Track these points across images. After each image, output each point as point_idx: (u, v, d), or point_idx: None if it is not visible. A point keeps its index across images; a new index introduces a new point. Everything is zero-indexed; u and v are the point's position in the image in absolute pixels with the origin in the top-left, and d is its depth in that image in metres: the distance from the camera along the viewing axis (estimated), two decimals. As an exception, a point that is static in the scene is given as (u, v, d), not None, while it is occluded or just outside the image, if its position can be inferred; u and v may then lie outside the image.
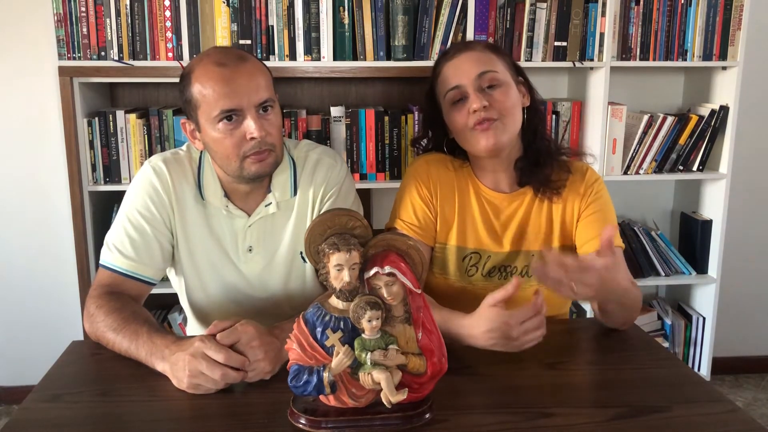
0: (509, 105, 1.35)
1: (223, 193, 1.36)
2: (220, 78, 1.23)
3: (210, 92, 1.23)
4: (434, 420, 0.98)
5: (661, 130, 2.33)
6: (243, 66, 1.25)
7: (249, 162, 1.27)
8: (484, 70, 1.35)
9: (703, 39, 2.29)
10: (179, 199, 1.36)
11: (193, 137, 1.34)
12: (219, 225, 1.38)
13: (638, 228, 2.50)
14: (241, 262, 1.40)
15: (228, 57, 1.25)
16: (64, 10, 2.05)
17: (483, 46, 1.41)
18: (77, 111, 2.10)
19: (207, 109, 1.25)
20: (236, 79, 1.23)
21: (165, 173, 1.35)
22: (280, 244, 1.40)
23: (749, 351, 2.88)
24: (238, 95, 1.23)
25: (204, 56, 1.28)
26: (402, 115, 2.23)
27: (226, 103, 1.23)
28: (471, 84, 1.35)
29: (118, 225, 1.35)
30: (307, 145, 1.45)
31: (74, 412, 1.03)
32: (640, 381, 1.12)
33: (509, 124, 1.36)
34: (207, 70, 1.24)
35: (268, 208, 1.38)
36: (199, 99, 1.25)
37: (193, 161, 1.38)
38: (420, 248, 0.98)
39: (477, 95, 1.34)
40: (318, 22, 2.11)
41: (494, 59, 1.38)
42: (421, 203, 1.42)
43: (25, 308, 2.56)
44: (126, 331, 1.18)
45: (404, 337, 0.95)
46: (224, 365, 1.05)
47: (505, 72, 1.38)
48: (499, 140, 1.34)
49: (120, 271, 1.32)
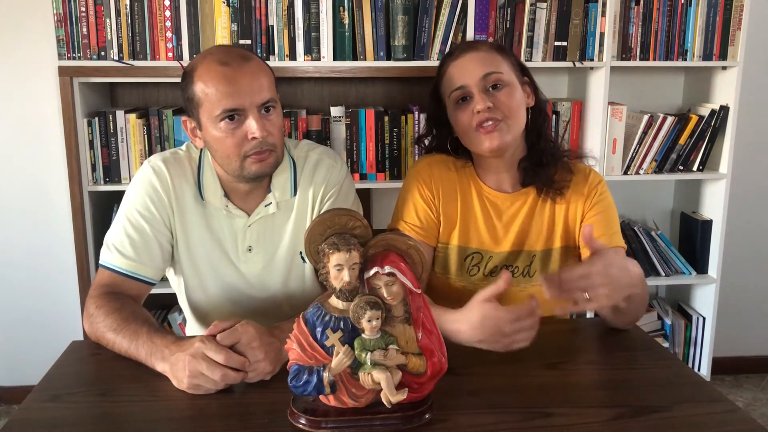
0: (513, 106, 1.36)
1: (222, 192, 1.36)
2: (223, 77, 1.23)
3: (213, 91, 1.23)
4: (434, 420, 0.98)
5: (661, 130, 2.33)
6: (246, 65, 1.25)
7: (250, 162, 1.27)
8: (489, 71, 1.35)
9: (703, 39, 2.29)
10: (179, 199, 1.36)
11: (194, 135, 1.34)
12: (219, 225, 1.38)
13: (638, 228, 2.50)
14: (240, 262, 1.40)
15: (231, 56, 1.25)
16: (64, 10, 2.05)
17: (488, 47, 1.41)
18: (77, 111, 2.10)
19: (209, 108, 1.25)
20: (239, 79, 1.23)
21: (164, 173, 1.35)
22: (280, 244, 1.40)
23: (749, 351, 2.88)
24: (241, 95, 1.23)
25: (207, 54, 1.28)
26: (402, 115, 2.23)
27: (229, 102, 1.23)
28: (476, 84, 1.35)
29: (117, 225, 1.35)
30: (307, 145, 1.45)
31: (74, 412, 1.02)
32: (640, 381, 1.12)
33: (513, 125, 1.36)
34: (210, 68, 1.24)
35: (268, 208, 1.38)
36: (202, 97, 1.25)
37: (193, 161, 1.38)
38: (420, 248, 0.98)
39: (482, 96, 1.34)
40: (318, 22, 2.11)
41: (499, 60, 1.38)
42: (424, 204, 1.42)
43: (25, 308, 2.56)
44: (126, 331, 1.18)
45: (404, 337, 0.96)
46: (224, 366, 1.05)
47: (510, 72, 1.38)
48: (503, 141, 1.35)
49: (120, 271, 1.32)
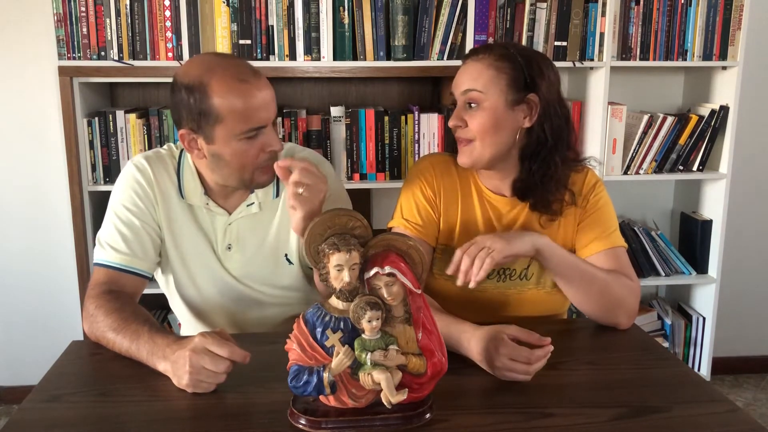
0: (481, 129, 1.30)
1: (203, 191, 1.37)
2: (248, 94, 1.23)
3: (240, 108, 1.22)
4: (434, 420, 0.98)
5: (661, 130, 2.33)
6: (260, 81, 1.26)
7: (259, 173, 1.30)
8: (468, 87, 1.31)
9: (703, 39, 2.29)
10: (163, 194, 1.37)
11: (193, 148, 1.29)
12: (203, 220, 1.40)
13: (638, 228, 2.50)
14: (223, 259, 1.41)
15: (245, 73, 1.24)
16: (64, 10, 2.05)
17: (494, 57, 1.32)
18: (77, 111, 2.10)
19: (232, 125, 1.23)
20: (261, 96, 1.25)
21: (147, 169, 1.37)
22: (262, 245, 1.41)
23: (749, 351, 2.88)
24: (267, 111, 1.26)
25: (215, 68, 1.24)
26: (402, 115, 2.23)
27: (257, 120, 1.24)
28: (459, 97, 1.33)
29: (107, 223, 1.38)
30: (292, 148, 1.46)
31: (74, 412, 1.03)
32: (640, 381, 1.12)
33: (485, 146, 1.31)
34: (230, 85, 1.22)
35: (251, 207, 1.39)
36: (223, 114, 1.22)
37: (174, 160, 1.40)
38: (420, 248, 0.98)
39: (459, 112, 1.33)
40: (318, 22, 2.11)
41: (491, 75, 1.30)
42: (425, 202, 1.41)
43: (25, 308, 2.56)
44: (127, 330, 1.18)
45: (404, 337, 0.96)
46: (227, 359, 1.05)
47: (496, 92, 1.30)
48: (472, 161, 1.33)
49: (115, 266, 1.33)
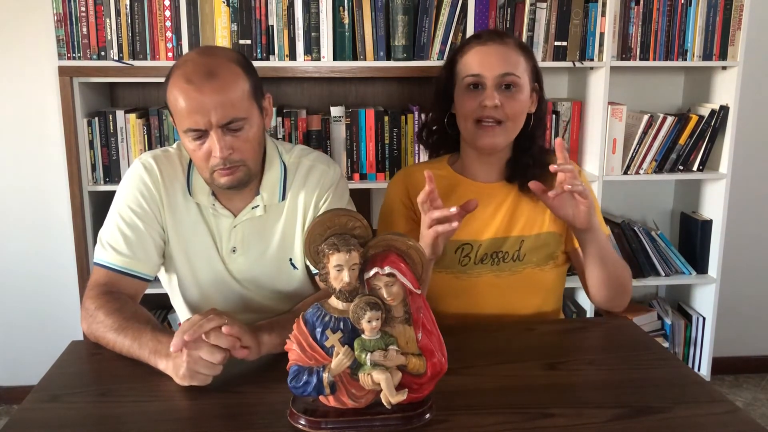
0: (518, 110, 1.37)
1: (210, 191, 1.36)
2: (185, 95, 1.20)
3: (178, 107, 1.22)
4: (434, 420, 0.98)
5: (661, 130, 2.33)
6: (209, 84, 1.20)
7: (217, 174, 1.27)
8: (508, 71, 1.36)
9: (703, 39, 2.29)
10: (169, 195, 1.36)
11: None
12: (210, 221, 1.38)
13: (638, 228, 2.50)
14: (227, 262, 1.40)
15: (197, 73, 1.21)
16: (64, 10, 2.05)
17: (515, 44, 1.40)
18: (77, 111, 2.10)
19: (177, 121, 1.26)
20: (199, 99, 1.20)
21: (155, 169, 1.35)
22: (267, 249, 1.39)
23: (749, 351, 2.88)
24: (203, 115, 1.20)
25: (181, 64, 1.24)
26: (402, 115, 2.23)
27: (190, 122, 1.22)
28: (492, 78, 1.35)
29: (110, 222, 1.36)
30: (301, 151, 1.43)
31: (74, 413, 1.03)
32: (640, 381, 1.12)
33: (511, 128, 1.38)
34: (176, 83, 1.22)
35: (255, 210, 1.37)
36: (172, 110, 1.26)
37: (184, 158, 1.38)
38: (420, 248, 0.98)
39: (494, 93, 1.34)
40: (318, 22, 2.11)
41: (521, 61, 1.38)
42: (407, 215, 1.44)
43: (25, 308, 2.56)
44: (128, 330, 1.18)
45: (404, 337, 0.95)
46: (224, 350, 1.07)
47: (525, 76, 1.39)
48: (496, 142, 1.37)
49: (115, 268, 1.32)
